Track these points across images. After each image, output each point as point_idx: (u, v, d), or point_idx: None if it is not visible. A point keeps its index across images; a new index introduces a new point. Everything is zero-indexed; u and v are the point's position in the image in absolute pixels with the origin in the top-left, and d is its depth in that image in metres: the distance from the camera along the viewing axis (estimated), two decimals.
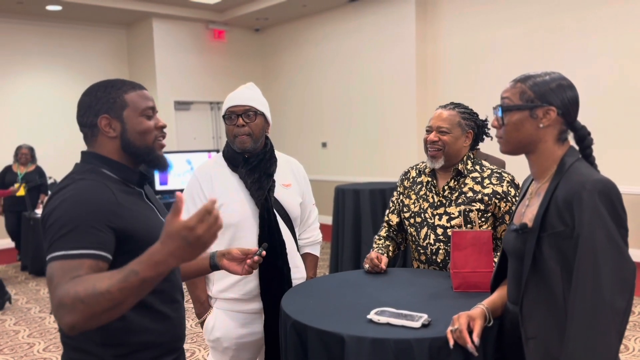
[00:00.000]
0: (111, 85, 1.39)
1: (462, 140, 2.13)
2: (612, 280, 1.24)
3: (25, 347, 4.05)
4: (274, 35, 9.40)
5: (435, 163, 2.13)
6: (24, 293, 5.54)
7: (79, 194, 1.26)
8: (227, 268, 1.67)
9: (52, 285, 1.14)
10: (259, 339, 2.13)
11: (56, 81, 8.32)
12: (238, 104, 2.05)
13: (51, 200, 1.28)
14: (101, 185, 1.30)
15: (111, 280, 1.09)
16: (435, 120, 2.13)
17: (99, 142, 1.39)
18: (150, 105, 1.41)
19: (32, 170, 6.53)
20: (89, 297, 1.08)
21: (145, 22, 8.50)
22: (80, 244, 1.19)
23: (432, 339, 1.44)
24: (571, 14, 5.87)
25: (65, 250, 1.18)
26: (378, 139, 7.84)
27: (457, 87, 7.01)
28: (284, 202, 2.13)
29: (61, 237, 1.20)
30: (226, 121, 2.08)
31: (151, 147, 1.40)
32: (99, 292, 1.08)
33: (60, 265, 1.16)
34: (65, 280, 1.13)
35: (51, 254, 1.19)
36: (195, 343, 4.00)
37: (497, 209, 2.11)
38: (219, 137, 9.42)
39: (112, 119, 1.37)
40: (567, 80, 1.42)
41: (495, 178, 2.13)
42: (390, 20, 7.47)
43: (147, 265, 1.08)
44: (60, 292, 1.11)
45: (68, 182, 1.30)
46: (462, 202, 2.11)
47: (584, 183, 1.30)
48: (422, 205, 2.19)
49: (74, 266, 1.16)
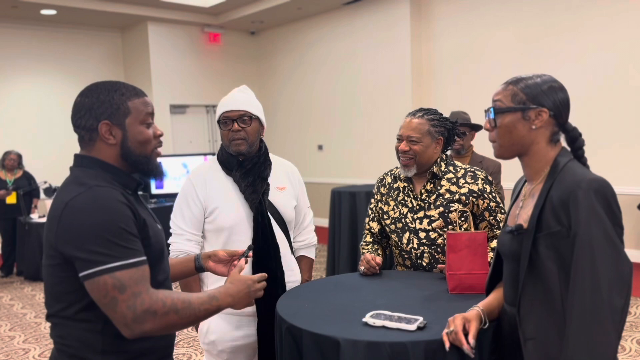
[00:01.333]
0: (115, 89, 1.34)
1: (432, 148, 2.15)
2: (610, 279, 1.24)
3: (20, 352, 4.03)
4: (269, 38, 9.41)
5: (408, 172, 2.16)
6: (20, 298, 5.52)
7: (105, 202, 1.23)
8: (213, 270, 1.66)
9: (126, 293, 1.20)
10: (254, 341, 2.12)
11: (51, 85, 8.30)
12: (233, 109, 2.04)
13: (69, 208, 1.23)
14: (118, 192, 1.28)
15: (199, 300, 1.30)
16: (405, 130, 2.14)
17: (97, 147, 1.34)
18: (151, 111, 1.38)
19: (21, 177, 6.51)
20: (185, 310, 1.26)
21: (141, 26, 8.50)
22: (133, 253, 1.23)
23: (428, 342, 1.43)
24: (565, 16, 5.90)
25: (123, 260, 1.21)
26: (374, 141, 7.85)
27: (452, 88, 7.02)
28: (279, 205, 2.13)
29: (109, 247, 1.20)
30: (221, 126, 2.08)
31: (149, 156, 1.39)
32: (194, 308, 1.28)
33: (129, 274, 1.21)
34: (145, 289, 1.22)
35: (104, 265, 1.19)
36: (191, 347, 3.99)
37: (476, 207, 2.14)
38: (214, 140, 9.42)
39: (114, 125, 1.32)
40: (558, 82, 1.43)
41: (470, 177, 2.16)
42: (385, 22, 7.49)
43: (224, 295, 1.37)
44: (149, 300, 1.21)
45: (82, 189, 1.25)
46: (441, 204, 2.14)
47: (579, 182, 1.30)
48: (402, 211, 2.21)
49: (141, 274, 1.23)
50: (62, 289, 1.28)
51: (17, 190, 6.41)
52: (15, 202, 6.40)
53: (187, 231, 2.06)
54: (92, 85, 1.35)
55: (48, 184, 6.84)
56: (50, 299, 1.32)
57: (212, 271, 1.67)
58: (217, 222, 2.05)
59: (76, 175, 1.31)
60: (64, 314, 1.29)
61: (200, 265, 1.68)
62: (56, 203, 1.27)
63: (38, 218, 6.42)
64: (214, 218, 2.05)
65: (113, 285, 1.18)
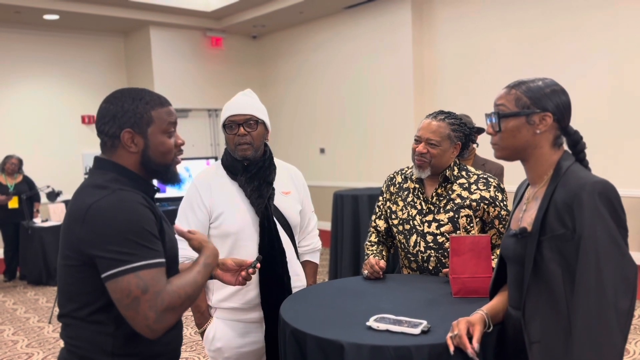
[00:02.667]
0: (139, 97, 1.36)
1: (449, 152, 2.12)
2: (615, 281, 1.24)
3: (24, 357, 4.03)
4: (271, 42, 9.42)
5: (421, 173, 2.13)
6: (23, 303, 5.52)
7: (129, 205, 1.26)
8: (221, 278, 1.66)
9: (148, 293, 1.22)
10: (260, 348, 2.11)
11: (54, 90, 8.32)
12: (239, 113, 2.02)
13: (93, 210, 1.25)
14: (140, 196, 1.31)
15: (194, 271, 1.36)
16: (425, 132, 2.10)
17: (118, 154, 1.37)
18: (174, 121, 1.40)
19: (21, 181, 6.52)
20: (195, 291, 1.32)
21: (143, 30, 8.52)
22: (155, 254, 1.27)
23: (432, 346, 1.43)
24: (566, 19, 5.89)
25: (145, 260, 1.24)
26: (376, 145, 7.85)
27: (454, 92, 7.02)
28: (284, 209, 2.12)
29: (133, 248, 1.23)
30: (226, 130, 2.06)
31: (169, 165, 1.41)
32: (197, 281, 1.34)
33: (151, 274, 1.24)
34: (162, 288, 1.25)
35: (127, 265, 1.22)
36: (194, 352, 3.98)
37: (486, 214, 2.11)
38: (217, 144, 9.42)
39: (136, 134, 1.35)
40: (559, 86, 1.43)
41: (482, 183, 2.13)
42: (387, 26, 7.49)
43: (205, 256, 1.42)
44: (168, 298, 1.25)
45: (105, 192, 1.28)
46: (451, 208, 2.11)
47: (583, 185, 1.30)
48: (410, 212, 2.18)
49: (162, 275, 1.27)
50: (76, 289, 1.30)
51: (19, 194, 6.42)
52: (17, 207, 6.41)
53: None
54: (117, 92, 1.38)
55: (51, 188, 6.85)
56: (63, 299, 1.33)
57: (220, 279, 1.66)
58: (222, 227, 2.04)
59: (95, 178, 1.34)
60: (77, 315, 1.31)
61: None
62: (77, 205, 1.28)
63: (41, 222, 6.43)
64: (219, 223, 2.04)
65: (137, 284, 1.21)
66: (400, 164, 7.51)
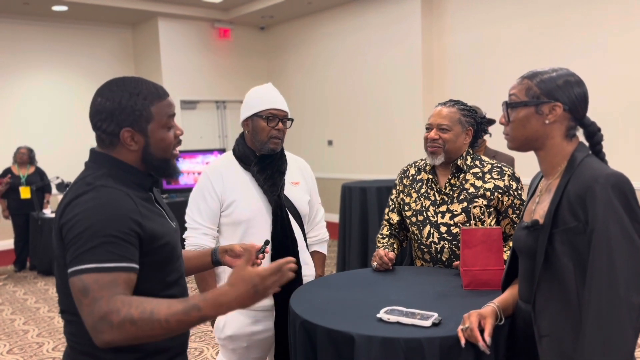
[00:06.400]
0: (137, 91, 1.29)
1: (462, 138, 2.12)
2: (627, 275, 1.23)
3: (34, 346, 4.07)
4: (279, 33, 9.39)
5: (435, 159, 2.12)
6: (33, 293, 5.57)
7: (104, 203, 1.20)
8: (230, 264, 1.66)
9: (88, 297, 1.13)
10: (270, 336, 2.13)
11: (62, 81, 8.35)
12: (281, 109, 2.09)
13: (70, 207, 1.22)
14: (123, 193, 1.25)
15: (170, 310, 1.12)
16: (436, 118, 2.12)
17: (117, 151, 1.32)
18: (172, 113, 1.36)
19: (33, 172, 6.57)
20: (143, 321, 1.11)
21: (151, 22, 8.51)
22: (112, 257, 1.16)
23: (443, 338, 1.42)
24: (577, 9, 5.83)
25: (98, 262, 1.15)
26: (384, 136, 7.82)
27: (463, 83, 6.98)
28: (294, 199, 2.15)
29: (91, 248, 1.16)
30: (264, 121, 2.06)
31: (168, 158, 1.37)
32: (156, 319, 1.11)
33: (95, 278, 1.14)
34: (107, 295, 1.13)
35: (81, 265, 1.15)
36: (203, 342, 4.01)
37: (500, 203, 2.10)
38: (224, 135, 9.43)
39: (136, 132, 1.29)
40: (575, 77, 1.41)
41: (496, 172, 2.13)
42: (396, 17, 7.44)
43: (212, 305, 1.14)
44: (105, 308, 1.11)
45: (87, 188, 1.23)
46: (464, 198, 2.11)
47: (597, 177, 1.29)
48: (424, 203, 2.18)
49: (111, 280, 1.15)
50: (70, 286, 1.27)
51: (30, 185, 6.47)
52: (29, 197, 6.46)
53: (203, 225, 2.07)
54: (112, 85, 1.30)
55: (60, 179, 6.88)
56: (62, 296, 1.31)
57: (229, 265, 1.67)
58: (234, 215, 2.06)
59: (86, 173, 1.30)
60: (76, 311, 1.27)
61: (217, 260, 1.68)
62: (62, 202, 1.26)
63: (50, 213, 6.47)
64: (231, 211, 2.06)
65: (78, 288, 1.14)
66: (409, 156, 7.49)
